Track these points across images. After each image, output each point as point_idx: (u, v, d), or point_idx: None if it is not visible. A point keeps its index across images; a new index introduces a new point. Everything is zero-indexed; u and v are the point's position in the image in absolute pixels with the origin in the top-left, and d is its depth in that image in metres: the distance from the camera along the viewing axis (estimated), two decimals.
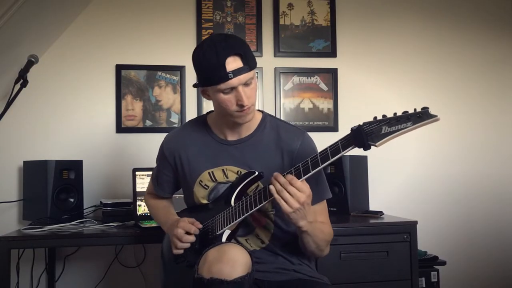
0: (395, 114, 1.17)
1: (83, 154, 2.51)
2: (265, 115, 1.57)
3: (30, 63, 2.09)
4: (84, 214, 2.38)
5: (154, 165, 2.50)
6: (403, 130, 1.14)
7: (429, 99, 2.94)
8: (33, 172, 2.31)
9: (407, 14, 2.96)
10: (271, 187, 1.28)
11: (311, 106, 2.81)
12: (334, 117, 2.82)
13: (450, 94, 2.96)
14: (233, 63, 1.34)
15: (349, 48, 2.88)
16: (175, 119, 2.69)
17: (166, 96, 2.69)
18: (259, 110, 1.59)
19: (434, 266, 2.50)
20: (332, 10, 2.86)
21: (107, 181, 2.61)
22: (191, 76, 2.71)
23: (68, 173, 2.29)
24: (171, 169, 1.62)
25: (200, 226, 1.44)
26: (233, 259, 1.19)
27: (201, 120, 1.62)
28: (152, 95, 2.68)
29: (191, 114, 2.69)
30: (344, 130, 2.79)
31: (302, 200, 1.25)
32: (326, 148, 1.25)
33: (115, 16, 2.68)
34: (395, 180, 2.86)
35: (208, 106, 2.69)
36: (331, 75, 2.84)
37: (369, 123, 1.19)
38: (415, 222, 2.19)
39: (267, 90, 2.78)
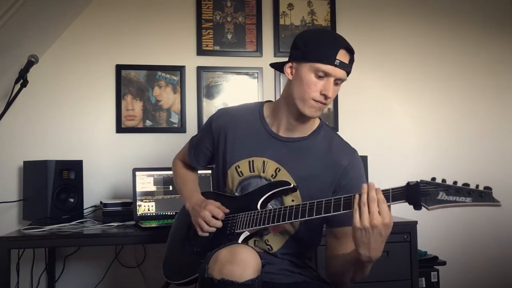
0: (455, 182, 1.12)
1: (83, 154, 2.51)
2: (323, 124, 1.54)
3: (30, 63, 2.09)
4: (84, 214, 2.38)
5: (154, 165, 2.51)
6: (460, 204, 1.11)
7: (429, 99, 2.95)
8: (33, 172, 2.31)
9: (407, 14, 2.96)
10: (357, 195, 1.20)
11: None
12: (334, 117, 2.82)
13: (450, 93, 2.96)
14: (344, 56, 1.37)
15: None
16: (175, 119, 2.69)
17: (166, 96, 2.69)
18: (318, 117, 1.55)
19: (434, 266, 2.50)
20: (332, 10, 2.86)
21: (107, 181, 2.61)
22: (191, 76, 2.71)
23: (68, 173, 2.29)
24: (213, 143, 1.59)
25: (227, 211, 1.43)
26: (244, 261, 1.17)
27: (257, 107, 1.58)
28: (152, 95, 2.68)
29: (191, 114, 2.69)
30: (344, 130, 2.80)
31: (374, 223, 1.15)
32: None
33: (115, 16, 2.68)
34: (395, 180, 2.84)
35: (208, 107, 2.69)
36: None
37: (427, 183, 1.14)
38: (415, 222, 2.19)
39: (267, 90, 2.78)
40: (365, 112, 2.87)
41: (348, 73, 1.40)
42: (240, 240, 1.36)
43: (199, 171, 1.77)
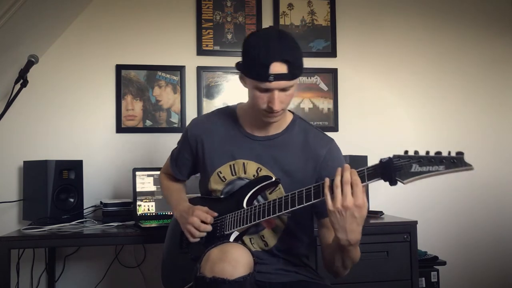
0: (427, 153, 1.12)
1: (83, 154, 2.51)
2: (296, 117, 1.55)
3: (30, 63, 2.09)
4: (84, 214, 2.38)
5: (154, 165, 2.51)
6: (434, 173, 1.10)
7: (429, 99, 2.95)
8: (33, 172, 2.31)
9: (407, 14, 2.96)
10: (327, 179, 1.22)
11: (311, 106, 2.81)
12: (334, 117, 2.82)
13: (450, 93, 2.96)
14: (278, 67, 1.32)
15: (349, 48, 2.88)
16: (175, 119, 2.69)
17: (166, 96, 2.69)
18: (290, 112, 1.57)
19: (434, 266, 2.50)
20: (332, 10, 2.86)
21: (107, 181, 2.61)
22: (191, 76, 2.71)
23: (68, 173, 2.29)
24: (191, 153, 1.60)
25: (215, 214, 1.43)
26: (235, 259, 1.19)
27: (231, 111, 1.59)
28: (152, 95, 2.68)
29: (191, 114, 2.69)
30: (344, 130, 2.80)
31: (346, 205, 1.17)
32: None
33: (115, 16, 2.68)
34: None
35: (208, 107, 2.69)
36: (331, 75, 2.84)
37: (399, 157, 1.14)
38: (415, 222, 2.19)
39: None
40: (365, 112, 2.87)
41: (293, 77, 1.35)
42: (231, 240, 1.37)
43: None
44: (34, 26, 2.34)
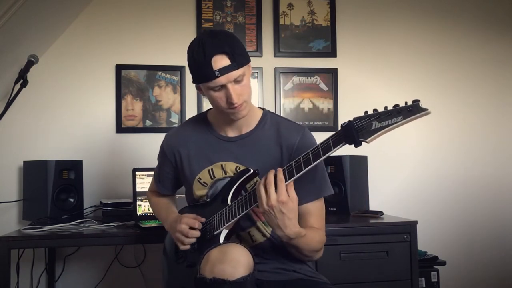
0: (385, 108, 1.14)
1: (83, 154, 2.51)
2: (266, 112, 1.57)
3: (30, 63, 2.09)
4: (84, 214, 2.38)
5: (154, 165, 2.50)
6: (394, 125, 1.11)
7: (429, 99, 2.94)
8: (33, 172, 2.31)
9: (407, 14, 2.96)
10: (258, 182, 1.28)
11: (311, 106, 2.82)
12: (334, 117, 2.82)
13: (450, 94, 2.96)
14: (220, 61, 1.35)
15: (349, 48, 2.88)
16: (175, 119, 2.69)
17: (166, 96, 2.69)
18: (260, 108, 1.59)
19: (434, 266, 2.50)
20: (332, 10, 2.86)
21: (107, 181, 2.61)
22: (191, 76, 2.70)
23: (68, 173, 2.29)
24: (171, 167, 1.63)
25: (203, 220, 1.44)
26: (235, 259, 1.19)
27: (202, 117, 1.63)
28: (152, 95, 2.68)
29: (191, 114, 2.69)
30: None
31: (271, 203, 1.23)
32: (318, 145, 1.23)
33: (115, 16, 2.68)
34: (395, 180, 2.86)
35: (208, 107, 2.69)
36: (331, 75, 2.84)
37: (359, 118, 1.16)
38: (415, 222, 2.19)
39: (267, 90, 2.78)
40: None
41: (239, 65, 1.36)
42: (221, 240, 1.38)
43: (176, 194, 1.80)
44: (34, 26, 2.34)
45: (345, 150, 1.70)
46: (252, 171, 1.41)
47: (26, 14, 2.16)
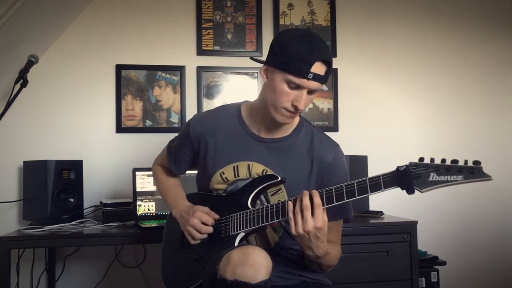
0: (443, 161, 1.12)
1: (83, 154, 2.51)
2: (303, 120, 1.54)
3: (30, 63, 2.09)
4: (84, 214, 2.38)
5: None
6: (452, 183, 1.10)
7: (429, 99, 2.95)
8: (33, 172, 2.31)
9: (407, 14, 2.96)
10: (290, 203, 1.26)
11: (311, 106, 2.81)
12: (334, 117, 2.82)
13: (450, 94, 2.97)
14: (320, 68, 1.32)
15: (349, 48, 2.88)
16: (175, 119, 2.69)
17: (166, 96, 2.69)
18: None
19: (434, 266, 2.50)
20: (332, 10, 2.86)
21: (107, 181, 2.61)
22: (191, 76, 2.71)
23: (68, 173, 2.29)
24: (192, 150, 1.56)
25: (217, 217, 1.42)
26: (257, 263, 1.17)
27: (235, 109, 1.54)
28: (152, 95, 2.68)
29: (191, 114, 2.68)
30: (344, 130, 2.80)
31: (307, 229, 1.22)
32: (365, 180, 1.19)
33: (115, 16, 2.68)
34: None
35: (208, 107, 2.69)
36: (331, 75, 2.84)
37: (416, 165, 1.14)
38: (415, 222, 2.19)
39: None
40: (365, 112, 2.87)
41: (325, 81, 1.36)
42: (236, 242, 1.36)
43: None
44: (34, 26, 2.34)
45: (345, 150, 1.71)
46: (279, 178, 1.39)
47: (26, 14, 2.16)
